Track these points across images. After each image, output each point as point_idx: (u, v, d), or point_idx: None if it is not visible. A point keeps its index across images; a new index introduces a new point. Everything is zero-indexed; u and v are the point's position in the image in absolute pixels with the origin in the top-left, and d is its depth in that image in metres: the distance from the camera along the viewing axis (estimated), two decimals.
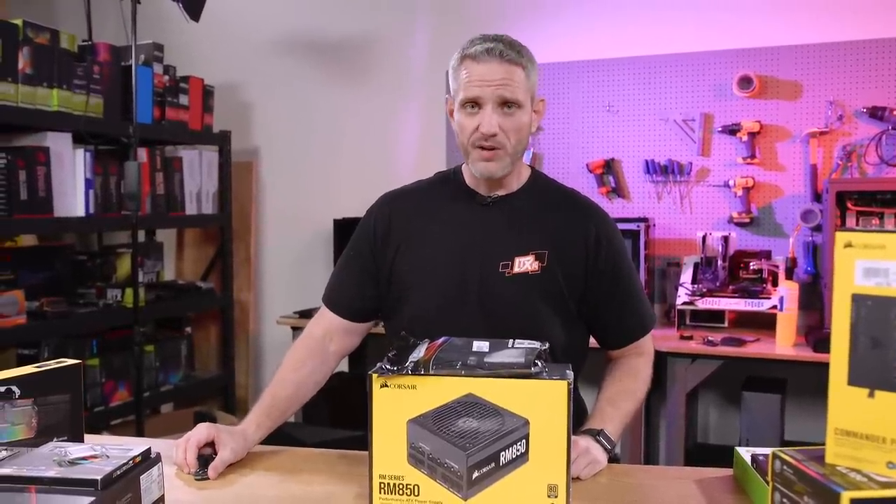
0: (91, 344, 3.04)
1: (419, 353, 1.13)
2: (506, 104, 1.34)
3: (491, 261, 1.41)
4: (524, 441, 1.06)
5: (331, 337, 1.52)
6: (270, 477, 1.29)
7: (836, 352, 0.93)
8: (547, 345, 1.16)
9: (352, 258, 1.54)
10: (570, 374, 1.09)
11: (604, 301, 1.45)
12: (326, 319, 1.53)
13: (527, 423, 1.06)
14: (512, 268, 1.40)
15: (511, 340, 1.18)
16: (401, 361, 1.10)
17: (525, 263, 1.40)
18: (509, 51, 1.33)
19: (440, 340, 1.19)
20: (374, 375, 1.10)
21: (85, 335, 3.03)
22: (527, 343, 1.16)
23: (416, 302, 1.45)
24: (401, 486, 1.10)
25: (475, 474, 1.07)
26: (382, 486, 1.10)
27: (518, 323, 1.38)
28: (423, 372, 1.08)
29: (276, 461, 1.36)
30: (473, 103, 1.35)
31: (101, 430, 3.00)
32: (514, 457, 1.07)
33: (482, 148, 1.36)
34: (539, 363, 1.09)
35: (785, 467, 0.96)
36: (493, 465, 1.07)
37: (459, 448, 1.06)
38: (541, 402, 1.06)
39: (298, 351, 1.51)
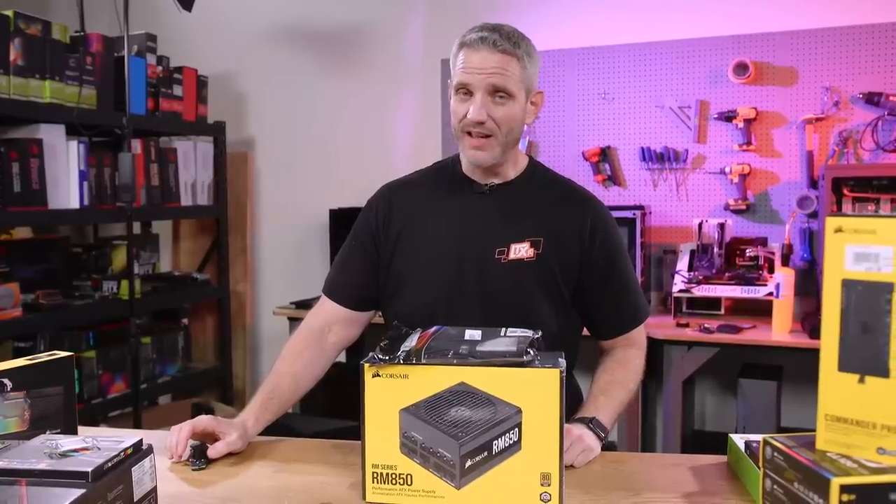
0: (87, 336, 3.04)
1: (411, 342, 1.13)
2: (497, 93, 1.35)
3: (487, 247, 1.42)
4: (517, 430, 1.06)
5: (330, 328, 1.52)
6: (265, 467, 1.29)
7: (826, 337, 0.93)
8: (540, 333, 1.16)
9: (353, 248, 1.54)
10: (563, 362, 1.08)
11: (597, 291, 1.45)
12: (326, 310, 1.53)
13: (519, 411, 1.06)
14: (507, 254, 1.41)
15: (503, 329, 1.17)
16: (392, 351, 1.10)
17: (521, 250, 1.41)
18: (504, 41, 1.33)
19: (432, 329, 1.19)
20: (366, 365, 1.10)
21: (81, 327, 3.02)
22: (519, 331, 1.16)
23: (416, 289, 1.46)
24: (393, 476, 1.10)
25: (468, 463, 1.07)
26: (375, 475, 1.10)
27: (513, 308, 1.39)
28: (414, 361, 1.08)
29: (272, 452, 1.36)
30: (465, 90, 1.36)
31: (99, 423, 3.01)
32: (506, 445, 1.07)
33: (471, 135, 1.37)
34: (531, 351, 1.09)
35: (775, 454, 0.96)
36: (485, 453, 1.07)
37: (452, 437, 1.06)
38: (533, 390, 1.06)
39: (296, 343, 1.51)
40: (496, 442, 1.07)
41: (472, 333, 1.15)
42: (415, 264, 1.46)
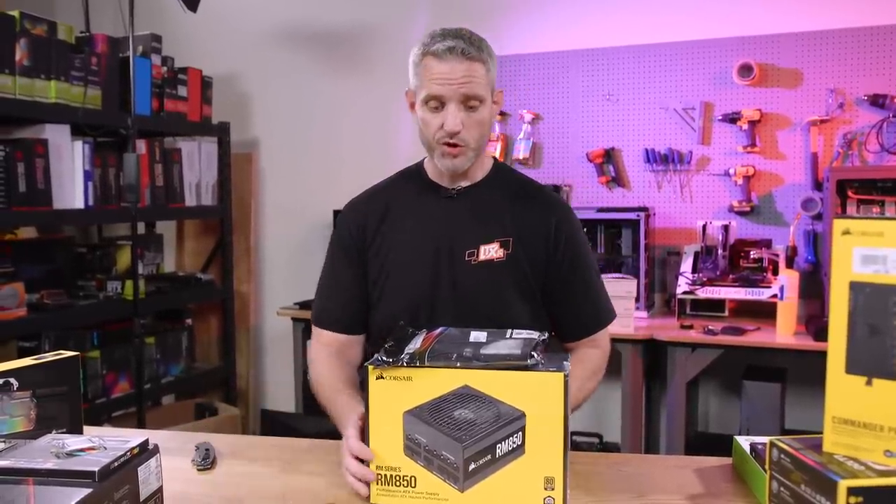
0: (91, 336, 3.04)
1: (415, 344, 1.13)
2: (468, 101, 1.36)
3: (458, 250, 1.43)
4: (520, 433, 1.06)
5: (338, 352, 1.50)
6: (270, 468, 1.29)
7: (833, 340, 0.93)
8: (546, 335, 1.16)
9: (332, 268, 1.54)
10: (567, 365, 1.08)
11: (560, 292, 1.46)
12: (323, 342, 1.51)
13: (523, 415, 1.06)
14: (477, 255, 1.42)
15: (509, 331, 1.18)
16: (397, 353, 1.10)
17: (490, 251, 1.42)
18: (470, 48, 1.35)
19: (437, 331, 1.19)
20: (370, 367, 1.10)
21: (85, 327, 3.02)
22: (525, 333, 1.16)
23: (392, 295, 1.46)
24: (397, 478, 1.10)
25: (471, 466, 1.07)
26: (379, 477, 1.10)
27: (485, 309, 1.40)
28: (418, 364, 1.08)
29: (276, 452, 1.36)
30: (437, 101, 1.37)
31: (103, 422, 3.01)
32: (510, 449, 1.07)
33: (447, 145, 1.38)
34: (535, 354, 1.08)
35: (782, 456, 0.96)
36: (489, 457, 1.07)
37: (455, 440, 1.06)
38: (537, 393, 1.06)
39: (321, 363, 1.47)
40: (500, 445, 1.07)
41: (478, 335, 1.15)
42: (391, 270, 1.46)
